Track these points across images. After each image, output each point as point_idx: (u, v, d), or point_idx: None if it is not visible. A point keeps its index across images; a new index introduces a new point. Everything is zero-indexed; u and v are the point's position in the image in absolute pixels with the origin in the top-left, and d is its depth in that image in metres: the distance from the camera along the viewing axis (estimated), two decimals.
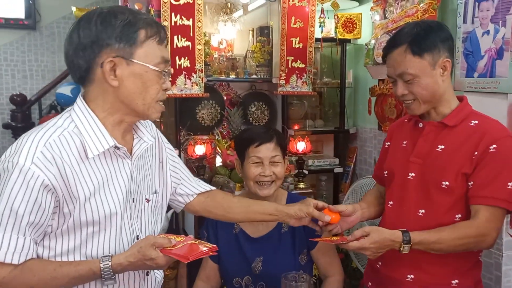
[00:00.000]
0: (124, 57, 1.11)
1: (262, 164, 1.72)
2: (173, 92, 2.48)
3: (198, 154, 2.41)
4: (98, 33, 1.10)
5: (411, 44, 1.38)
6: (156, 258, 1.10)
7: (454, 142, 1.42)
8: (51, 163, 1.05)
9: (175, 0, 2.41)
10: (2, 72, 4.46)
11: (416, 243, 1.35)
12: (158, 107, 1.19)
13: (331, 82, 3.11)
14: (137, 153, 1.24)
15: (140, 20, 1.13)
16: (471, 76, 1.95)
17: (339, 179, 3.09)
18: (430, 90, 1.41)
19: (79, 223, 1.11)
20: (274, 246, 1.74)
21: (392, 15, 2.43)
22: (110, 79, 1.11)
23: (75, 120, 1.14)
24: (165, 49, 1.18)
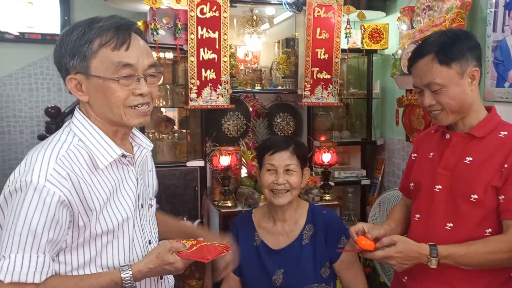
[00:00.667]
0: (82, 73, 1.09)
1: (276, 172, 1.71)
2: (198, 104, 2.52)
3: (223, 165, 2.42)
4: (58, 53, 1.11)
5: (438, 53, 1.35)
6: (175, 262, 1.13)
7: (483, 154, 1.38)
8: (65, 178, 1.05)
9: (201, 14, 2.46)
10: (38, 86, 4.63)
11: (444, 257, 1.31)
12: (133, 112, 1.13)
13: (358, 93, 3.08)
14: (140, 160, 1.25)
15: (93, 29, 1.08)
16: (502, 85, 1.89)
17: (367, 191, 3.04)
18: (458, 100, 1.37)
19: (95, 234, 1.11)
20: (295, 259, 1.72)
21: (419, 25, 2.39)
22: (78, 96, 1.12)
23: (77, 134, 1.13)
24: (127, 52, 1.09)
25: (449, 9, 2.15)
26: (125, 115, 1.13)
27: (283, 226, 1.77)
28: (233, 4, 2.60)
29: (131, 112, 1.13)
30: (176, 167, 2.62)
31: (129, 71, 1.10)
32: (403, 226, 1.60)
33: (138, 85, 1.12)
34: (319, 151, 2.62)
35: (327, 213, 1.80)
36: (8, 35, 4.40)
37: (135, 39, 1.12)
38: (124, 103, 1.12)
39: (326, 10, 2.71)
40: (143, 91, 1.12)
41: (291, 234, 1.75)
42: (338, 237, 1.73)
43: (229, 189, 2.47)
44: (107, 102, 1.11)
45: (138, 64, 1.11)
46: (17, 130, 4.58)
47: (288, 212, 1.76)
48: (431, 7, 2.30)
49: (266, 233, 1.79)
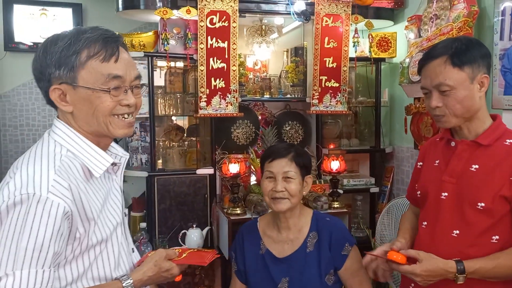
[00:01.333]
0: (68, 83, 1.08)
1: (274, 179, 1.72)
2: (208, 112, 2.55)
3: (232, 173, 2.45)
4: (41, 63, 1.09)
5: (452, 56, 1.37)
6: (171, 268, 1.19)
7: (489, 162, 1.38)
8: (67, 189, 1.03)
9: (211, 24, 2.50)
10: None
11: (471, 273, 1.32)
12: (119, 122, 1.14)
13: (366, 101, 3.09)
14: (121, 167, 1.26)
15: (80, 40, 1.08)
16: (509, 93, 1.90)
17: (376, 199, 3.04)
18: (465, 104, 1.38)
19: (91, 244, 1.09)
20: (299, 266, 1.72)
21: (426, 34, 2.41)
22: (62, 106, 1.10)
23: (64, 145, 1.11)
24: (116, 64, 1.10)
25: (456, 18, 2.17)
26: (110, 124, 1.13)
27: (287, 234, 1.77)
28: (242, 14, 2.64)
29: (116, 121, 1.13)
30: (186, 175, 2.65)
31: (117, 83, 1.11)
32: (414, 236, 1.60)
33: (126, 96, 1.13)
34: (328, 159, 2.64)
35: (331, 220, 1.80)
36: (22, 45, 4.49)
37: (122, 51, 1.13)
38: (111, 112, 1.12)
39: (334, 19, 2.74)
40: (130, 102, 1.13)
41: (296, 241, 1.76)
42: (342, 244, 1.73)
43: (238, 197, 2.49)
44: (94, 112, 1.10)
45: (126, 76, 1.12)
46: (30, 139, 4.66)
47: (291, 219, 1.76)
48: (439, 16, 2.32)
49: (271, 242, 1.79)
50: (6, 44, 4.46)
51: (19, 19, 4.48)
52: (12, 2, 4.46)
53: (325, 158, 2.68)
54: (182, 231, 2.51)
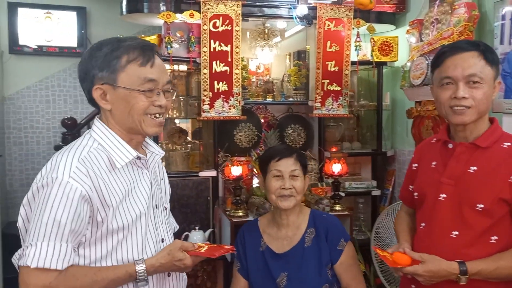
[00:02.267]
0: (109, 83, 1.23)
1: (282, 178, 1.81)
2: (211, 115, 2.57)
3: (234, 175, 2.47)
4: (86, 65, 1.25)
5: (485, 52, 1.39)
6: (184, 259, 1.25)
7: (488, 165, 1.40)
8: (86, 176, 1.17)
9: (214, 28, 2.53)
10: (55, 97, 4.75)
11: (474, 274, 1.35)
12: (151, 121, 1.27)
13: (368, 104, 3.11)
14: (153, 164, 1.39)
15: (121, 46, 1.23)
16: (510, 97, 1.91)
17: (377, 202, 3.05)
18: (488, 101, 1.41)
19: (111, 229, 1.21)
20: (297, 261, 1.78)
21: (428, 38, 2.43)
22: (102, 104, 1.25)
23: (97, 139, 1.26)
24: (152, 69, 1.25)
25: (457, 22, 2.19)
26: (143, 122, 1.26)
27: (286, 231, 1.85)
28: (245, 18, 2.67)
29: (148, 120, 1.27)
30: (189, 177, 2.68)
31: (152, 85, 1.25)
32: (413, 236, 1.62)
33: (158, 97, 1.27)
34: (330, 161, 2.65)
35: (328, 217, 1.89)
36: (26, 48, 4.54)
37: (156, 58, 1.28)
38: (145, 111, 1.25)
39: (336, 23, 2.77)
40: (162, 103, 1.27)
41: (294, 238, 1.83)
42: (337, 239, 1.80)
43: (241, 199, 2.51)
44: (130, 110, 1.24)
45: (159, 80, 1.26)
46: (34, 141, 4.69)
47: (291, 216, 1.84)
48: (440, 20, 2.34)
49: (271, 239, 1.86)
50: (10, 47, 4.50)
51: (23, 22, 4.52)
52: (17, 6, 4.50)
53: (327, 161, 2.69)
54: (184, 233, 2.53)
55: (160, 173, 1.49)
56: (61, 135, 4.28)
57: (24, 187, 4.65)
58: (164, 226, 1.40)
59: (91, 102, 1.29)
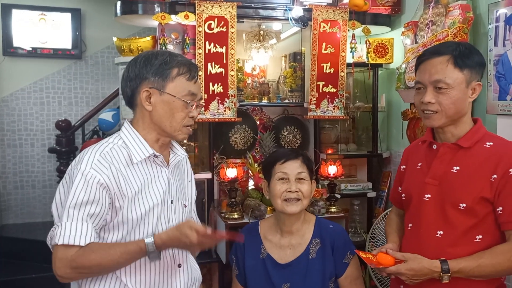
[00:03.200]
0: (157, 88, 1.40)
1: (288, 181, 1.74)
2: (206, 117, 2.56)
3: (230, 177, 2.46)
4: (140, 69, 1.41)
5: (456, 56, 1.41)
6: (191, 235, 1.31)
7: (470, 164, 1.43)
8: (106, 167, 1.34)
9: (209, 29, 2.52)
10: (49, 100, 4.72)
11: (456, 272, 1.36)
12: (185, 130, 1.46)
13: (364, 106, 3.11)
14: (173, 163, 1.51)
15: (174, 60, 1.42)
16: (504, 99, 1.92)
17: (373, 204, 3.05)
18: (457, 105, 1.42)
19: (127, 217, 1.37)
20: (301, 273, 1.73)
21: (422, 40, 2.43)
22: (145, 104, 1.41)
23: (122, 137, 1.44)
24: (194, 85, 1.44)
25: (451, 24, 2.19)
26: (178, 129, 1.44)
27: (290, 239, 1.78)
28: (240, 20, 2.66)
29: (183, 129, 1.45)
30: None
31: (192, 98, 1.44)
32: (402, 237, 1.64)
33: (192, 109, 1.45)
34: (325, 163, 2.65)
35: (334, 227, 1.81)
36: (21, 50, 4.52)
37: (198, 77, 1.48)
38: (182, 122, 1.44)
39: (332, 25, 2.77)
40: (195, 115, 1.46)
41: (298, 247, 1.76)
42: (344, 252, 1.75)
43: (236, 201, 2.50)
44: (170, 116, 1.42)
45: (198, 95, 1.46)
46: (28, 143, 4.67)
47: (295, 224, 1.77)
48: (434, 22, 2.34)
49: (272, 246, 1.79)
50: (4, 49, 4.48)
51: (17, 24, 4.50)
52: (11, 7, 4.48)
53: (322, 163, 2.69)
54: None
55: (188, 175, 1.63)
56: (55, 137, 4.25)
57: (18, 189, 4.62)
58: (179, 221, 1.49)
59: (129, 104, 1.46)
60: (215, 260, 2.59)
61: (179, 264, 1.48)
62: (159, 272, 1.43)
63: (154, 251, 1.33)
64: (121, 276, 1.39)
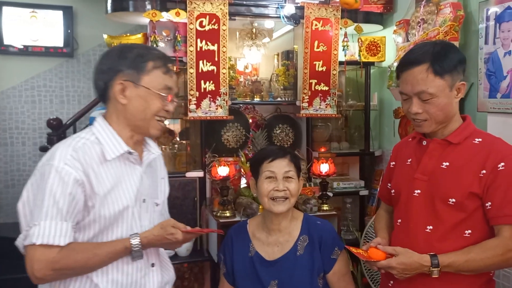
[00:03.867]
0: (132, 81, 1.37)
1: (275, 179, 1.73)
2: (198, 115, 2.55)
3: (221, 175, 2.45)
4: (114, 62, 1.38)
5: (433, 63, 1.39)
6: (176, 233, 1.35)
7: (459, 160, 1.44)
8: (79, 163, 1.30)
9: (200, 27, 2.51)
10: (41, 98, 4.69)
11: (445, 266, 1.37)
12: (157, 124, 1.42)
13: (356, 104, 3.12)
14: (146, 161, 1.47)
15: (150, 53, 1.39)
16: (494, 96, 1.93)
17: (365, 202, 3.06)
18: (445, 111, 1.43)
19: (98, 217, 1.32)
20: (289, 269, 1.72)
21: (414, 38, 2.44)
22: (119, 98, 1.37)
23: (95, 133, 1.38)
24: (170, 79, 1.42)
25: (442, 22, 2.20)
26: (151, 122, 1.40)
27: (277, 237, 1.78)
28: (232, 18, 2.65)
29: (155, 122, 1.41)
30: (176, 178, 2.65)
31: (168, 92, 1.41)
32: (391, 233, 1.64)
33: (169, 104, 1.42)
34: (318, 161, 2.65)
35: (322, 224, 1.81)
36: (12, 48, 4.48)
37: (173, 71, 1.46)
38: (156, 113, 1.40)
39: (324, 23, 2.76)
40: (170, 108, 1.42)
41: (286, 244, 1.76)
42: (332, 248, 1.74)
43: (228, 200, 2.49)
44: (145, 108, 1.38)
45: (173, 89, 1.44)
46: (19, 142, 4.63)
47: (283, 222, 1.77)
48: (426, 20, 2.35)
49: (260, 244, 1.79)
50: None
51: (8, 21, 4.46)
52: (2, 5, 4.44)
53: (315, 161, 2.69)
54: None
55: (161, 172, 1.59)
56: (46, 135, 4.22)
57: (9, 188, 4.58)
58: (150, 220, 1.46)
59: (102, 95, 1.41)
60: (206, 258, 2.58)
61: (153, 263, 1.45)
62: (131, 272, 1.39)
63: (139, 250, 1.33)
64: (92, 276, 1.33)
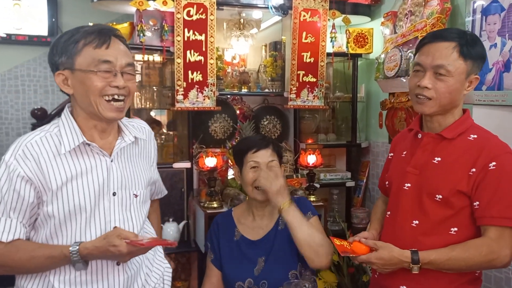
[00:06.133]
0: (68, 68, 1.28)
1: (259, 169, 1.79)
2: (185, 105, 2.53)
3: (209, 166, 2.44)
4: (50, 54, 1.31)
5: (462, 45, 1.36)
6: (119, 245, 1.22)
7: (451, 156, 1.41)
8: (29, 159, 1.25)
9: (188, 16, 2.48)
10: (25, 88, 4.60)
11: (426, 263, 1.36)
12: (107, 104, 1.30)
13: (344, 96, 3.12)
14: (115, 151, 1.38)
15: (79, 32, 1.28)
16: (480, 89, 1.95)
17: (352, 193, 3.08)
18: (453, 95, 1.39)
19: (52, 213, 1.27)
20: (273, 245, 1.79)
21: (401, 30, 2.45)
22: (64, 88, 1.31)
23: (59, 125, 1.33)
24: (106, 51, 1.28)
25: (430, 14, 2.21)
26: (100, 104, 1.28)
27: (262, 221, 1.85)
28: (220, 7, 2.63)
29: (104, 103, 1.29)
30: (163, 169, 2.61)
31: (107, 67, 1.27)
32: None
33: (115, 78, 1.29)
34: (305, 153, 2.66)
35: (297, 198, 1.89)
36: None
37: (115, 41, 1.31)
38: (101, 92, 1.28)
39: (312, 14, 2.76)
40: (119, 84, 1.29)
41: (269, 225, 1.84)
42: (304, 212, 1.77)
43: (215, 190, 2.49)
44: (87, 92, 1.27)
45: (116, 61, 1.29)
46: (3, 132, 4.55)
47: (268, 207, 1.83)
48: (413, 12, 2.36)
49: (245, 228, 1.86)
50: None
51: None
52: None
53: (302, 153, 2.70)
54: None
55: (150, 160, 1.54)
56: (31, 126, 4.15)
57: None
58: (124, 214, 1.38)
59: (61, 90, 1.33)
60: (193, 249, 2.58)
61: (118, 262, 1.35)
62: (91, 272, 1.31)
63: (79, 260, 1.24)
64: (49, 275, 1.29)
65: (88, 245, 1.24)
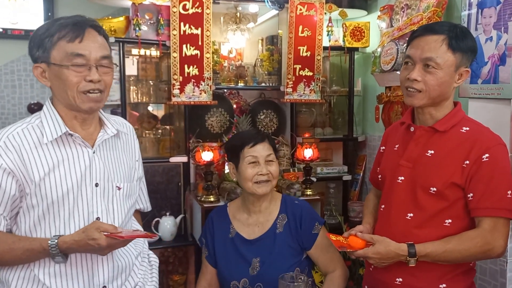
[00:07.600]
0: (45, 61, 1.29)
1: (258, 164, 1.78)
2: (181, 100, 2.53)
3: (205, 160, 2.45)
4: (29, 46, 1.32)
5: (451, 37, 1.38)
6: (98, 239, 1.22)
7: (444, 148, 1.42)
8: (10, 150, 1.26)
9: (184, 10, 2.48)
10: (21, 82, 4.58)
11: (422, 256, 1.37)
12: (85, 97, 1.30)
13: (340, 90, 3.13)
14: (98, 143, 1.39)
15: (55, 25, 1.28)
16: (475, 82, 1.95)
17: (348, 187, 3.09)
18: (442, 88, 1.40)
19: (36, 203, 1.27)
20: (269, 247, 1.77)
21: (398, 23, 2.44)
22: (42, 81, 1.31)
23: (41, 116, 1.34)
24: (80, 44, 1.27)
25: (426, 8, 2.21)
26: (77, 98, 1.29)
27: (258, 217, 1.83)
28: (216, 1, 2.62)
29: (83, 96, 1.30)
30: (159, 163, 2.64)
31: (81, 61, 1.28)
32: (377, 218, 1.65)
33: (89, 72, 1.29)
34: (301, 147, 2.66)
35: (300, 203, 1.87)
36: None
37: (90, 33, 1.30)
38: (78, 88, 1.29)
39: (308, 8, 2.75)
40: (93, 78, 1.29)
41: (266, 224, 1.81)
42: (312, 224, 1.80)
43: (212, 185, 2.49)
44: (63, 86, 1.29)
45: (90, 55, 1.29)
46: None
47: (264, 203, 1.82)
48: (409, 5, 2.35)
49: (241, 225, 1.84)
50: None
51: None
52: None
53: (298, 146, 2.70)
54: (155, 219, 2.51)
55: (136, 155, 1.55)
56: None
57: None
58: (107, 205, 1.38)
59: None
60: (191, 243, 2.59)
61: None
62: (75, 263, 1.31)
63: (57, 253, 1.24)
64: (34, 267, 1.30)
65: (67, 239, 1.24)
